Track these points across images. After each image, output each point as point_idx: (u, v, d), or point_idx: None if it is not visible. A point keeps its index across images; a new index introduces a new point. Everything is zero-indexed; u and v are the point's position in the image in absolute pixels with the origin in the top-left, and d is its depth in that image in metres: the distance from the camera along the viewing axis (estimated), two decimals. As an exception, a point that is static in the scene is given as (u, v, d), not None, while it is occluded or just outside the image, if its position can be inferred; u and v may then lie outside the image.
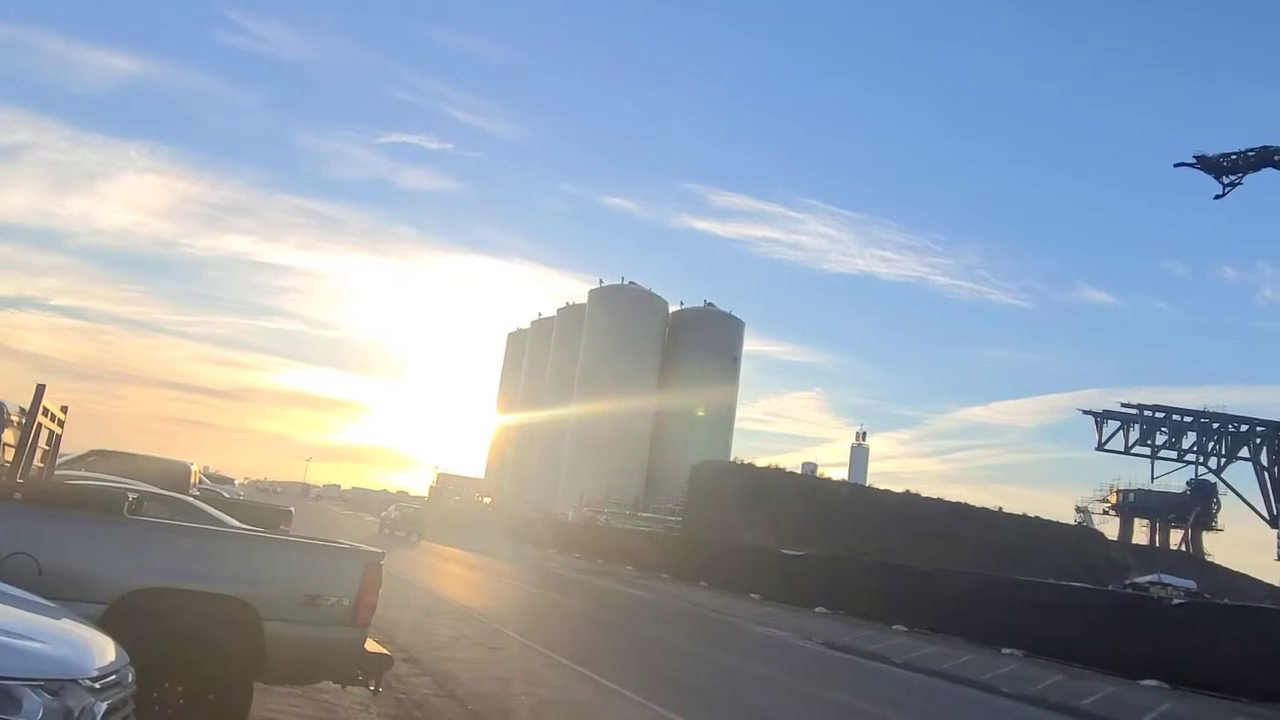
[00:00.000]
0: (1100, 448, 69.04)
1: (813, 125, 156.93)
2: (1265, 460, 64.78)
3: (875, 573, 28.28)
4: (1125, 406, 68.77)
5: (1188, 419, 67.19)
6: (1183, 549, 73.27)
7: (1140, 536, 76.25)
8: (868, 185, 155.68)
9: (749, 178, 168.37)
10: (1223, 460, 66.55)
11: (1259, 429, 65.48)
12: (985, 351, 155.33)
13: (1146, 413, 67.93)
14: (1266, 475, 64.41)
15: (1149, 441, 67.54)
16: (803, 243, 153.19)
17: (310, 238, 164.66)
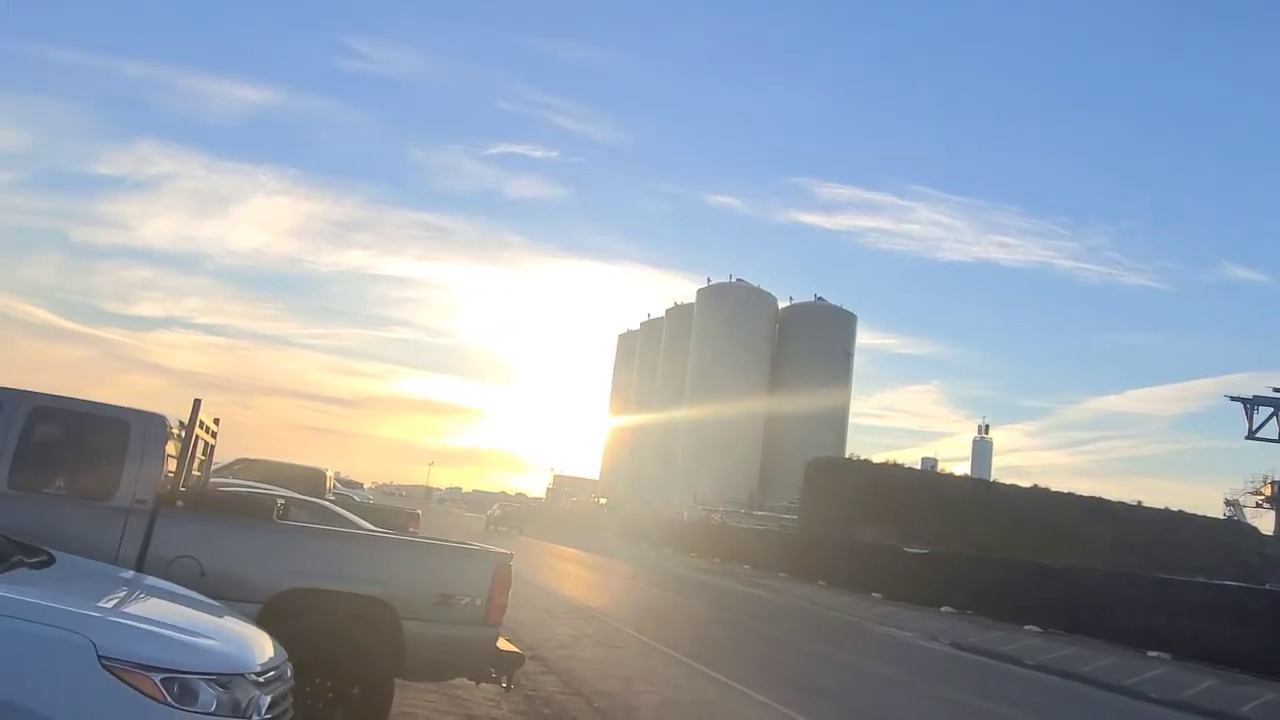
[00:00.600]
0: (1251, 436, 64.08)
1: (920, 111, 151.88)
2: None
3: (1004, 571, 27.21)
4: (1278, 391, 63.75)
5: (1350, 403, 61.63)
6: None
7: (1298, 531, 70.50)
8: (982, 170, 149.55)
9: (855, 168, 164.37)
10: (1390, 448, 60.72)
11: None
12: (1118, 337, 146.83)
13: (1304, 398, 62.72)
14: None
15: (1307, 429, 62.29)
16: (914, 232, 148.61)
17: (425, 249, 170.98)
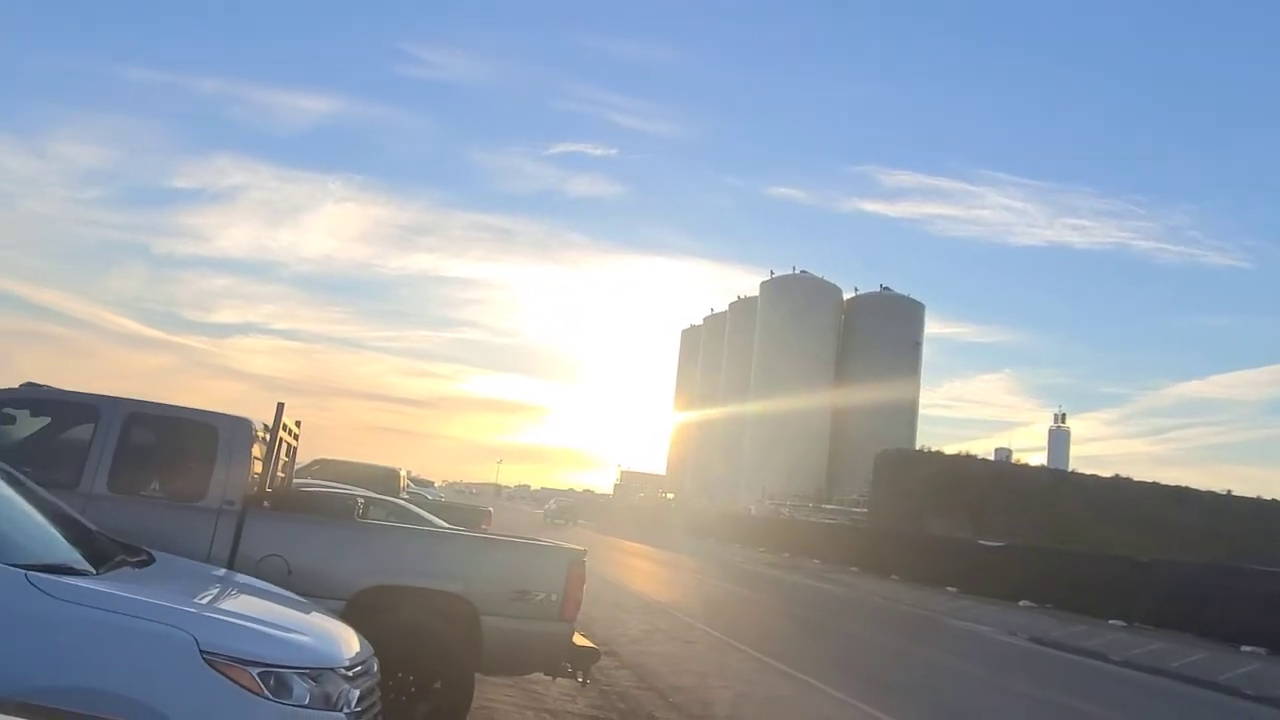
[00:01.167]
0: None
1: (986, 93, 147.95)
2: None
3: (1086, 564, 26.40)
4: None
5: None
6: None
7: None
8: (1053, 151, 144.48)
9: (919, 154, 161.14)
10: None
11: None
12: (1200, 320, 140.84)
13: (1407, 379, 59.31)
14: None
15: None
16: (983, 217, 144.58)
17: (489, 250, 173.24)
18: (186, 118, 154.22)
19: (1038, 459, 73.88)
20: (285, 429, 6.70)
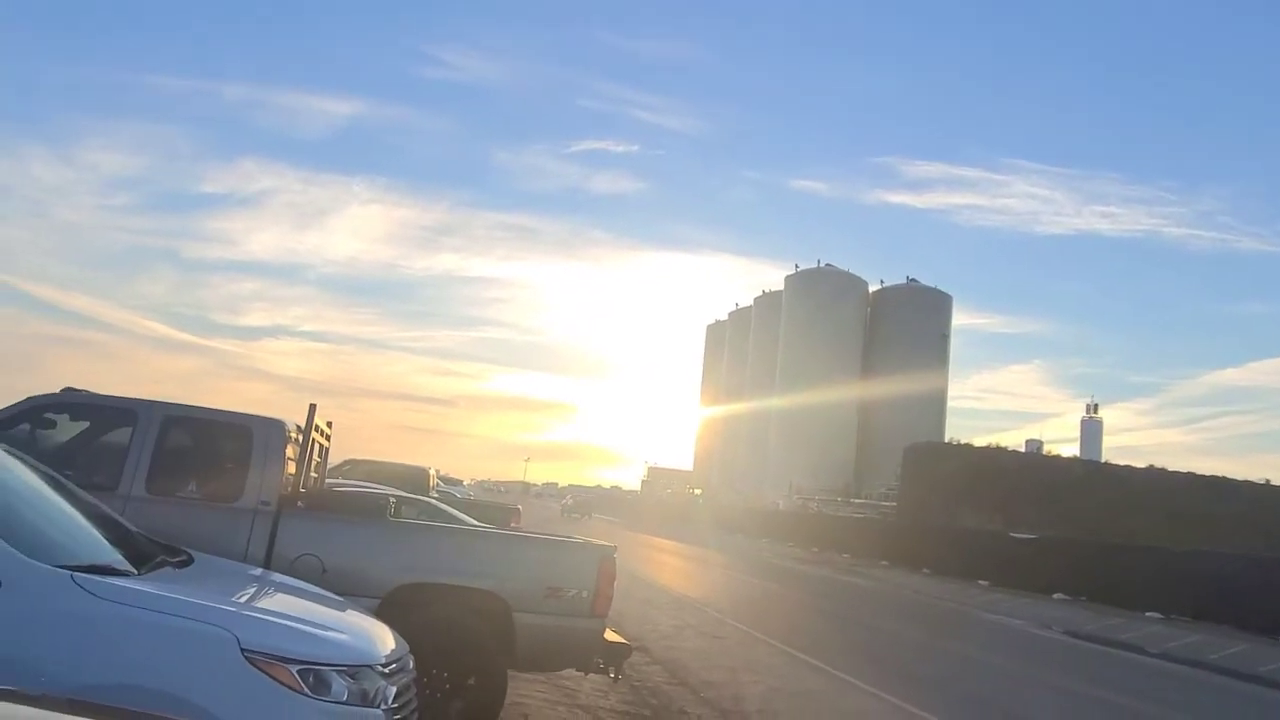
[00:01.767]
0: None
1: (1009, 80, 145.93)
2: None
3: (1120, 555, 26.08)
4: None
5: None
6: None
7: None
8: (1079, 138, 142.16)
9: (943, 143, 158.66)
10: None
11: None
12: (1235, 307, 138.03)
13: None
14: None
15: None
16: (1010, 206, 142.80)
17: (512, 249, 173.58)
18: (212, 123, 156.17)
19: (1070, 450, 72.91)
20: (317, 430, 6.78)
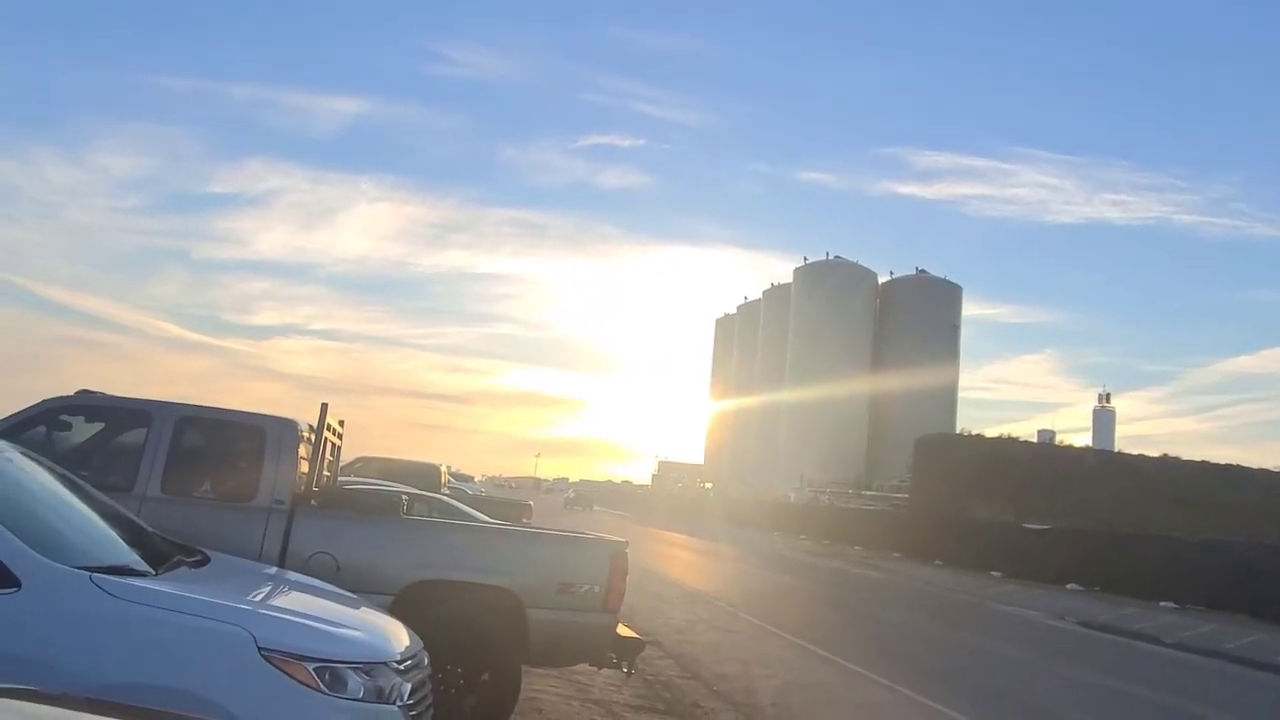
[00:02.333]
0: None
1: (1017, 68, 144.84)
2: None
3: (1134, 546, 25.94)
4: None
5: None
6: None
7: None
8: (1088, 126, 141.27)
9: (951, 133, 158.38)
10: None
11: None
12: (1248, 294, 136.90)
13: None
14: None
15: None
16: (1019, 195, 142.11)
17: (521, 245, 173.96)
18: (220, 124, 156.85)
19: (1082, 440, 72.63)
20: (329, 428, 6.82)
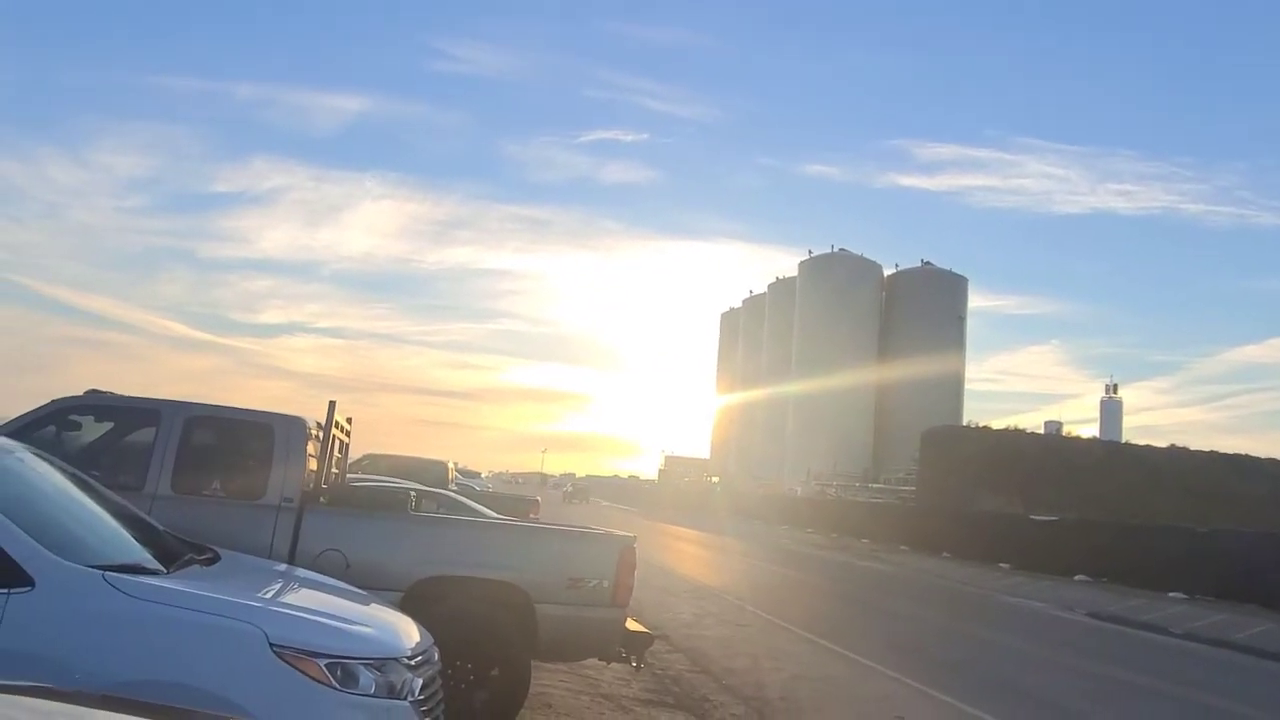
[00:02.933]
0: None
1: (1020, 58, 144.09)
2: None
3: (1143, 537, 25.91)
4: None
5: None
6: None
7: None
8: (1093, 115, 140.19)
9: (954, 124, 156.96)
10: None
11: None
12: (1255, 283, 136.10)
13: None
14: None
15: None
16: (1024, 186, 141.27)
17: (525, 241, 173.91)
18: (223, 122, 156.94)
19: (1089, 431, 72.33)
20: (338, 426, 6.85)
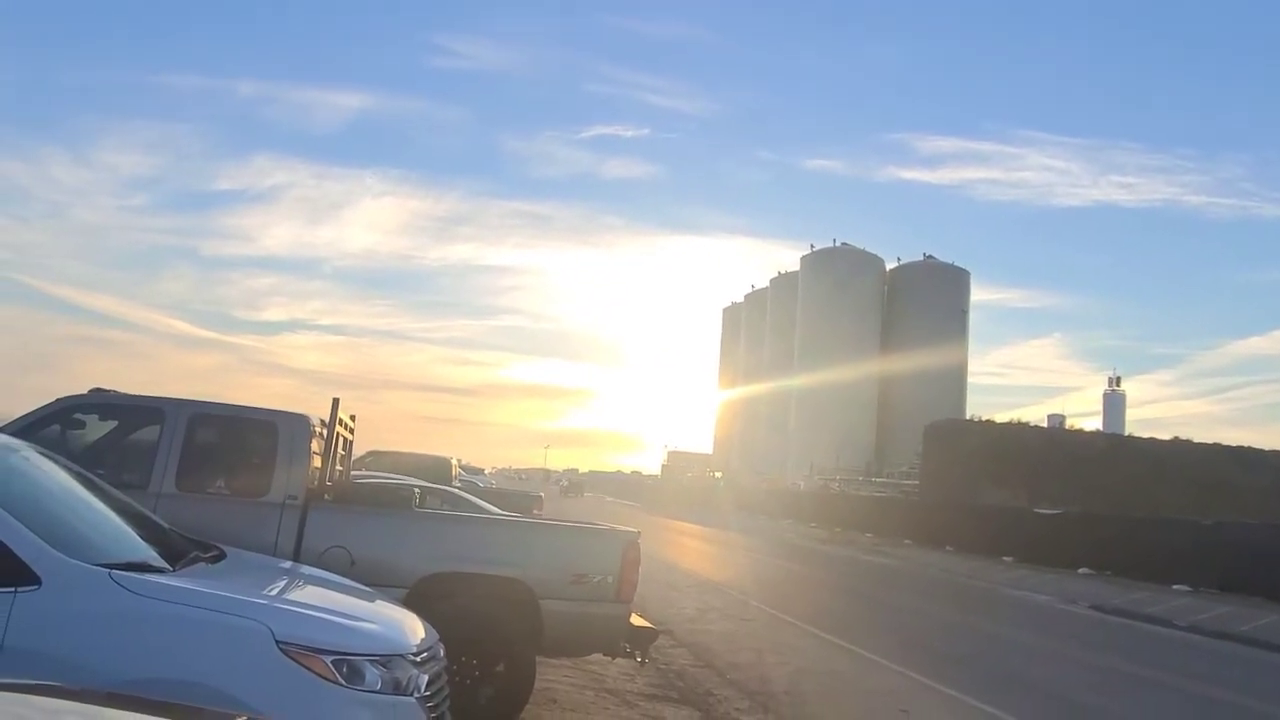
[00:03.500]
0: None
1: (1022, 51, 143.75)
2: None
3: (1146, 529, 25.90)
4: None
5: None
6: None
7: None
8: (1094, 107, 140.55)
9: (956, 118, 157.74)
10: None
11: None
12: (1258, 274, 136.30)
13: None
14: None
15: None
16: (1026, 179, 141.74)
17: (526, 237, 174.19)
18: (225, 121, 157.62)
19: (1092, 424, 72.61)
20: (341, 423, 6.85)
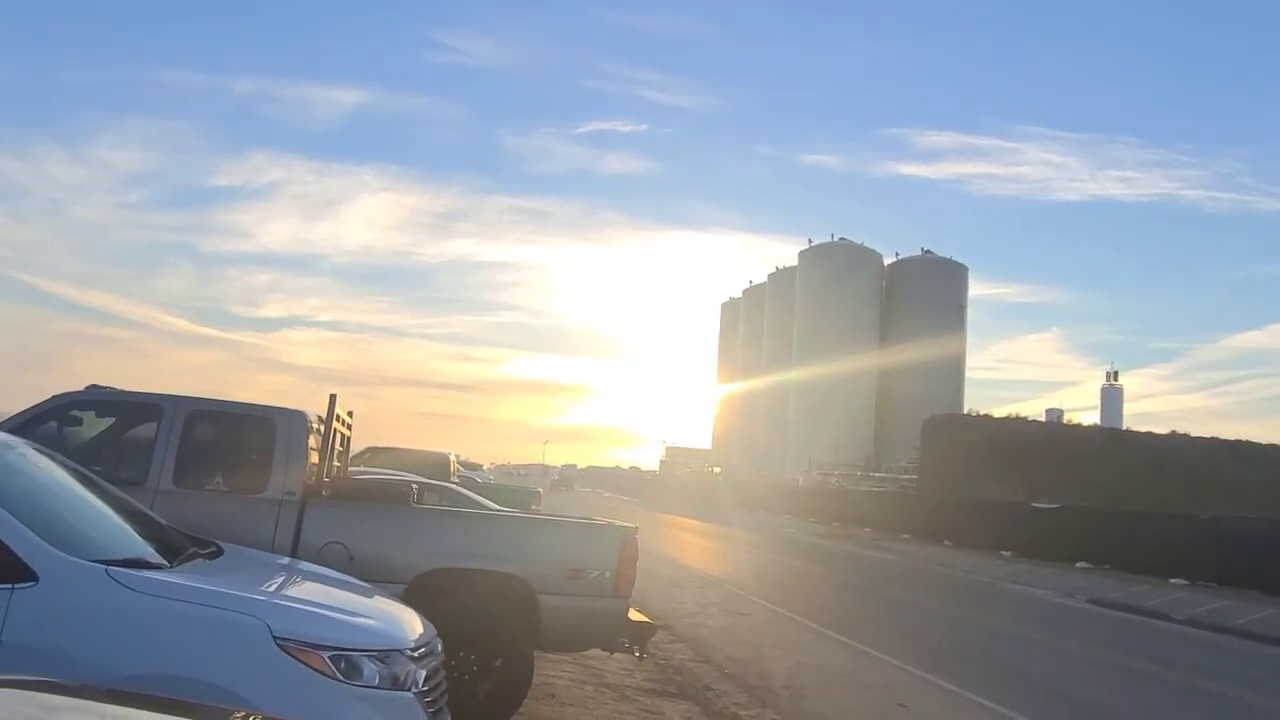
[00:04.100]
0: None
1: (1020, 45, 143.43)
2: None
3: (1144, 523, 25.96)
4: None
5: None
6: None
7: None
8: (1093, 102, 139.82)
9: (953, 112, 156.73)
10: None
11: None
12: (1256, 269, 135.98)
13: None
14: None
15: None
16: (1024, 174, 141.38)
17: (525, 233, 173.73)
18: (222, 117, 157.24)
19: (1090, 418, 72.34)
20: (339, 419, 6.86)
